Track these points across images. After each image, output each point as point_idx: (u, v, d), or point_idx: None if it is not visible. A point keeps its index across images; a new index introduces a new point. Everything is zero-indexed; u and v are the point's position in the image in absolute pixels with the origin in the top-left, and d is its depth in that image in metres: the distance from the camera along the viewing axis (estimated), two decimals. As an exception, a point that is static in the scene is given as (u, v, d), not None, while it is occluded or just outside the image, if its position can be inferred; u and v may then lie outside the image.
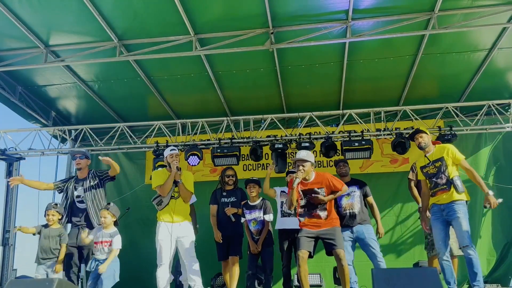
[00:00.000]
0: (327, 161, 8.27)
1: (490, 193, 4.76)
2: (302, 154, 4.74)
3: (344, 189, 4.78)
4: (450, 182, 4.81)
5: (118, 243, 5.26)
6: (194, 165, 7.66)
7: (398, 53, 6.91)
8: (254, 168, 8.79)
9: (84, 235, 5.25)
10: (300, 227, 4.78)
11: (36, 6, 5.75)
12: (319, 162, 8.39)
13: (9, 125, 18.34)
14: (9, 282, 4.55)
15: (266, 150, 7.94)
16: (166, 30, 6.27)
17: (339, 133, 7.69)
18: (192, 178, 5.44)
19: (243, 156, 8.09)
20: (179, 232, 5.15)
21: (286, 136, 7.77)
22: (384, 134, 7.66)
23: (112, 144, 8.11)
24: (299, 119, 7.88)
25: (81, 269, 5.74)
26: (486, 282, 7.68)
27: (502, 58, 7.00)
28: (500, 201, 4.84)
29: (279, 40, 6.23)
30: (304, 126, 7.86)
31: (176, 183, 5.20)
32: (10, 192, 8.01)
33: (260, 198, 5.76)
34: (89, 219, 5.64)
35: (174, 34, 6.31)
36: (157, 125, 8.06)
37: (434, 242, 5.30)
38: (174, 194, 5.24)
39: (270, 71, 7.34)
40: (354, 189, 5.70)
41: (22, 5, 5.73)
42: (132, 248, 8.09)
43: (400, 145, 7.30)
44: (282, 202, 5.94)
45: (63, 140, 8.79)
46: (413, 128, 7.58)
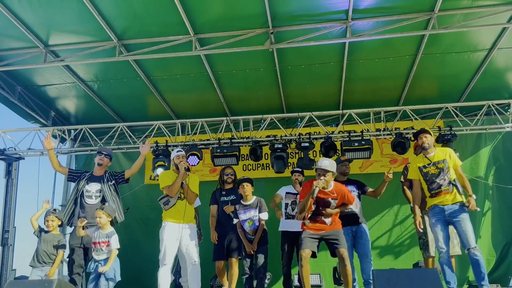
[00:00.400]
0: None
1: (473, 196, 4.92)
2: (325, 164, 4.62)
3: (353, 203, 4.90)
4: (452, 184, 4.95)
5: (116, 244, 5.25)
6: (194, 165, 7.64)
7: (398, 53, 6.91)
8: (254, 168, 8.78)
9: (80, 224, 5.25)
10: (303, 229, 4.79)
11: (35, 5, 5.74)
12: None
13: (8, 125, 18.37)
14: (8, 283, 4.54)
15: (266, 150, 7.93)
16: (166, 30, 6.26)
17: (339, 133, 7.69)
18: (196, 180, 5.44)
19: (243, 156, 8.07)
20: (184, 234, 5.14)
21: (286, 136, 7.77)
22: (383, 134, 7.66)
23: (111, 144, 8.09)
24: (299, 119, 7.87)
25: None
26: (486, 282, 7.70)
27: (502, 58, 7.01)
28: (478, 209, 5.00)
29: (279, 40, 6.23)
30: (303, 126, 7.86)
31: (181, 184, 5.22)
32: (9, 192, 8.00)
33: (254, 197, 5.61)
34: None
35: (174, 34, 6.30)
36: (156, 125, 8.05)
37: (428, 242, 5.40)
38: (180, 195, 5.26)
39: (270, 71, 7.33)
40: (353, 188, 5.68)
41: (22, 4, 5.72)
42: (132, 248, 8.08)
43: (399, 145, 7.30)
44: (286, 204, 5.85)
45: (63, 140, 8.78)
46: (413, 128, 7.61)
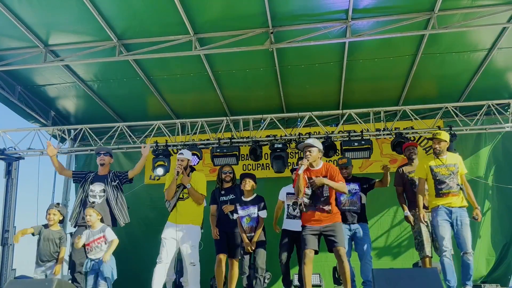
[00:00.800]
0: (326, 161, 8.24)
1: (479, 208, 5.20)
2: (309, 141, 4.91)
3: (342, 185, 4.75)
4: (460, 188, 5.14)
5: (113, 234, 5.28)
6: (194, 164, 7.64)
7: (398, 53, 6.91)
8: (254, 168, 8.78)
9: (77, 241, 5.24)
10: (302, 225, 4.81)
11: (35, 5, 5.74)
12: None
13: (8, 124, 18.31)
14: (8, 282, 4.55)
15: (266, 150, 7.94)
16: (166, 29, 6.26)
17: (339, 133, 7.69)
18: (203, 179, 5.39)
19: (243, 156, 8.06)
20: (182, 235, 5.13)
21: (286, 136, 7.77)
22: (383, 134, 7.66)
23: (111, 143, 8.08)
24: (299, 119, 7.87)
25: None
26: (485, 282, 7.71)
27: (501, 58, 7.00)
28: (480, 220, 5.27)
29: (279, 39, 6.23)
30: (303, 126, 7.86)
31: (184, 186, 5.21)
32: (9, 191, 8.00)
33: (254, 194, 5.56)
34: (115, 218, 5.64)
35: (174, 33, 6.30)
36: (156, 124, 8.05)
37: (422, 242, 5.43)
38: (182, 195, 5.25)
39: (269, 71, 7.33)
40: (356, 186, 5.70)
41: (22, 4, 5.72)
42: (132, 247, 8.09)
43: (399, 145, 7.27)
44: (288, 205, 5.84)
45: (63, 139, 8.77)
46: (412, 128, 7.62)
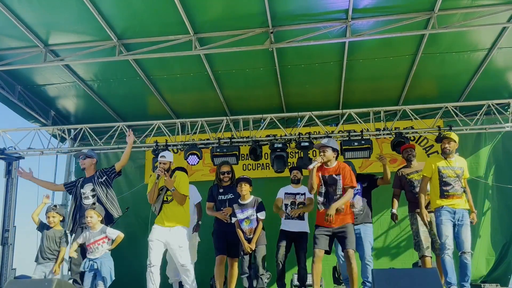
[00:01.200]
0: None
1: (475, 211, 5.51)
2: (324, 141, 5.04)
3: (349, 195, 4.87)
4: (464, 191, 5.31)
5: (115, 231, 5.31)
6: (194, 164, 7.66)
7: (398, 52, 6.91)
8: (254, 167, 8.77)
9: (73, 250, 5.27)
10: (316, 224, 4.90)
11: (35, 5, 5.74)
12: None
13: (8, 124, 18.35)
14: (8, 282, 4.55)
15: (266, 149, 7.92)
16: (166, 29, 6.25)
17: (339, 132, 7.67)
18: (185, 179, 5.37)
19: (243, 155, 8.04)
20: (170, 237, 5.13)
21: (286, 135, 7.76)
22: (383, 134, 7.65)
23: (111, 143, 8.08)
24: (299, 119, 7.87)
25: None
26: (485, 282, 7.72)
27: (501, 57, 7.00)
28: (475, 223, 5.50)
29: (279, 39, 6.23)
30: (303, 126, 7.85)
31: (167, 189, 5.19)
32: (9, 191, 8.00)
33: (251, 196, 5.60)
34: (110, 214, 5.66)
35: (174, 33, 6.30)
36: (156, 124, 8.04)
37: (420, 242, 5.52)
38: (166, 198, 5.23)
39: (269, 71, 7.33)
40: (357, 186, 5.60)
41: (22, 4, 5.72)
42: (131, 247, 8.06)
43: (399, 144, 7.24)
44: (286, 205, 5.85)
45: (63, 139, 8.77)
46: (412, 128, 7.61)
